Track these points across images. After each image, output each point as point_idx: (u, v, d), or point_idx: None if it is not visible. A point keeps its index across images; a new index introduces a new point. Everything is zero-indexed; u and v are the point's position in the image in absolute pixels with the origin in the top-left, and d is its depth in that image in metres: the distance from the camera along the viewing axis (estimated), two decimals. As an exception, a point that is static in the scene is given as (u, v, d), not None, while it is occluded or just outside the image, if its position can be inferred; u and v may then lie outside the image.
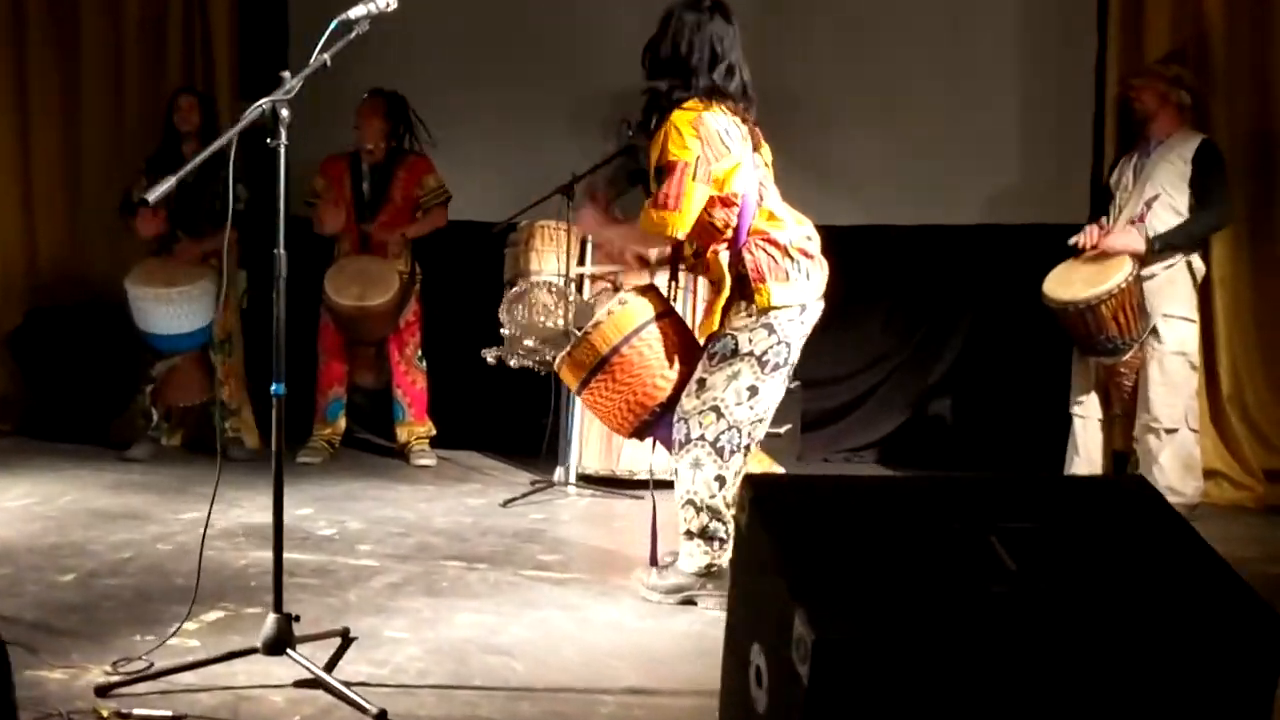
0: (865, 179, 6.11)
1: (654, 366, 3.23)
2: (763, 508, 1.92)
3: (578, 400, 5.13)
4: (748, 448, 3.21)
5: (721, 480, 3.17)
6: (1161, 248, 4.67)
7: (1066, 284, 4.75)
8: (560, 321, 3.33)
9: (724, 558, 3.20)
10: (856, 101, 6.02)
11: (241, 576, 3.44)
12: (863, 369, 6.21)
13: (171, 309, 5.24)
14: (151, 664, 2.59)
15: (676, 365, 3.24)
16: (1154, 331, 4.73)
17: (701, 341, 3.27)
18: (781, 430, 5.82)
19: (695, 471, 3.17)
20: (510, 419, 6.34)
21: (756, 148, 3.25)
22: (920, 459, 5.84)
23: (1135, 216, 4.80)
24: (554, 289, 3.51)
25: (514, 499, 4.69)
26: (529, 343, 4.22)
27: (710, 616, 3.13)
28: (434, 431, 5.77)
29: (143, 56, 6.18)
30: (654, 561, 3.47)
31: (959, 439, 5.94)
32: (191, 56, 6.12)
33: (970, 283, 6.09)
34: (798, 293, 3.13)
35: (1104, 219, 4.92)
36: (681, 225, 3.10)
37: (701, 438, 3.16)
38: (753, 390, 3.15)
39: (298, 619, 2.56)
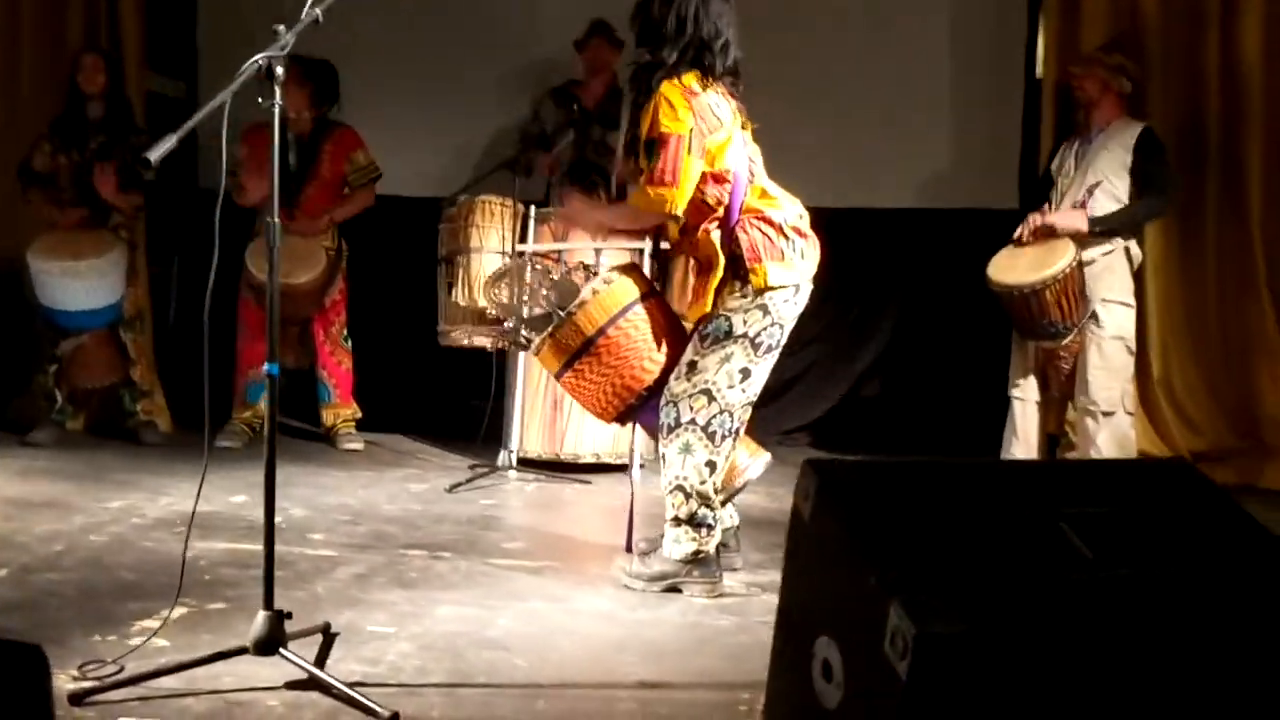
0: (794, 162, 6.02)
1: (641, 348, 3.12)
2: (830, 495, 1.83)
3: (519, 383, 5.01)
4: (737, 432, 3.13)
5: (712, 465, 3.08)
6: (1102, 230, 4.74)
7: (1010, 268, 4.79)
8: (544, 302, 3.18)
9: (711, 544, 3.12)
10: (786, 84, 5.96)
11: (193, 569, 3.20)
12: (794, 351, 6.18)
13: (80, 283, 4.91)
14: (122, 667, 2.38)
15: (664, 347, 3.14)
16: (1093, 316, 4.81)
17: (689, 323, 3.17)
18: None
19: (685, 456, 3.07)
20: (437, 401, 6.16)
21: (744, 126, 3.16)
22: (854, 442, 5.85)
23: (1077, 203, 4.86)
24: (539, 267, 3.35)
25: (459, 484, 4.52)
26: (508, 323, 4.03)
27: (699, 605, 3.04)
28: (360, 414, 5.56)
29: (39, 14, 5.77)
30: (629, 548, 3.36)
31: (891, 421, 5.97)
32: (95, 16, 5.72)
33: (900, 266, 6.12)
34: (793, 273, 3.05)
35: (1046, 206, 4.97)
36: (680, 200, 2.99)
37: (692, 422, 3.06)
38: (745, 373, 3.07)
39: (289, 616, 2.38)
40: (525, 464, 4.88)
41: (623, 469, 5.00)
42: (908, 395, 6.06)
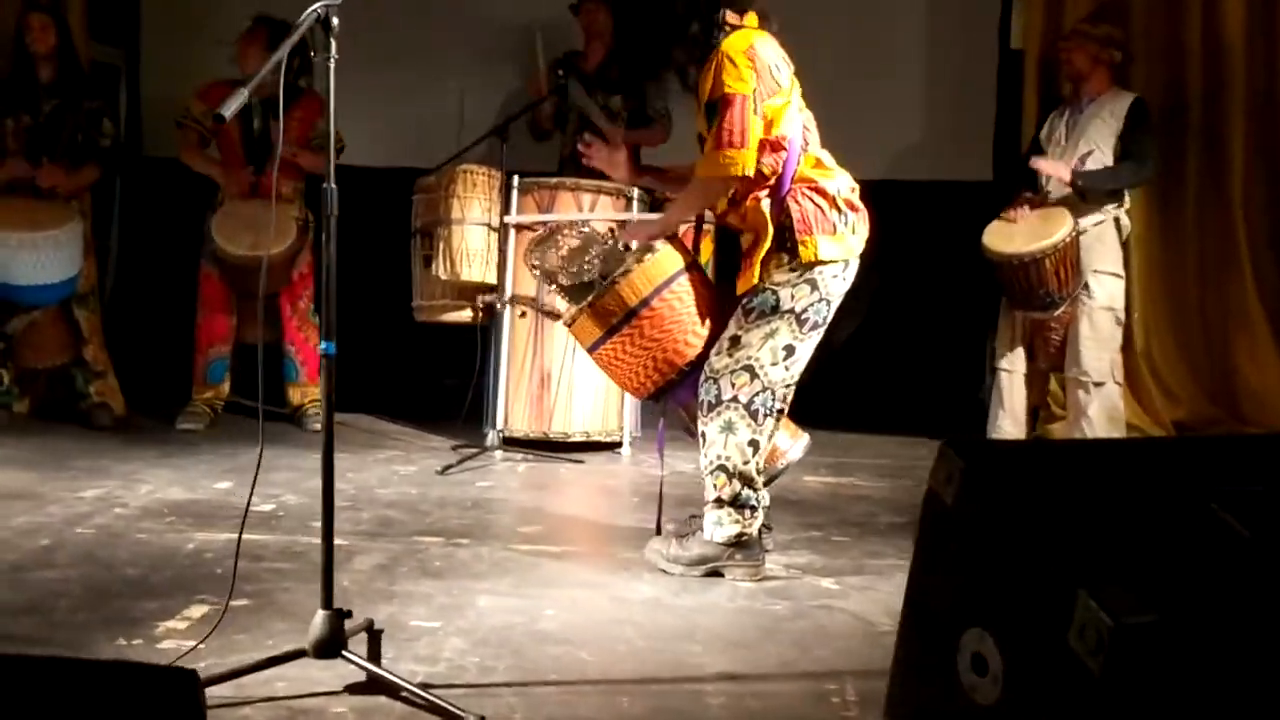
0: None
1: (685, 321, 2.98)
2: (980, 480, 1.72)
3: (504, 359, 4.82)
4: (781, 411, 3.01)
5: (755, 445, 2.96)
6: (1084, 184, 4.72)
7: (1008, 238, 4.76)
8: (588, 269, 3.01)
9: (754, 526, 3.00)
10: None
11: (201, 563, 3.00)
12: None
13: (37, 256, 4.59)
14: (163, 675, 2.18)
15: (708, 321, 3.00)
16: (1084, 286, 4.80)
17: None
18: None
19: (727, 435, 2.95)
20: (405, 379, 5.95)
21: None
22: (830, 417, 5.77)
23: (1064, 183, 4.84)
24: (586, 230, 3.19)
25: (450, 466, 4.34)
26: (549, 290, 3.81)
27: (745, 589, 2.93)
28: (328, 393, 5.31)
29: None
30: (659, 531, 3.23)
31: (868, 396, 5.92)
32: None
33: (875, 239, 6.05)
34: (844, 247, 2.94)
35: (1042, 183, 4.93)
36: (749, 162, 2.84)
37: (734, 399, 2.94)
38: (789, 350, 2.95)
39: (349, 615, 2.20)
40: (511, 443, 4.72)
41: (613, 447, 4.87)
42: (885, 369, 6.02)
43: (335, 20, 2.07)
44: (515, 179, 4.71)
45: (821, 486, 4.26)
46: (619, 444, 4.87)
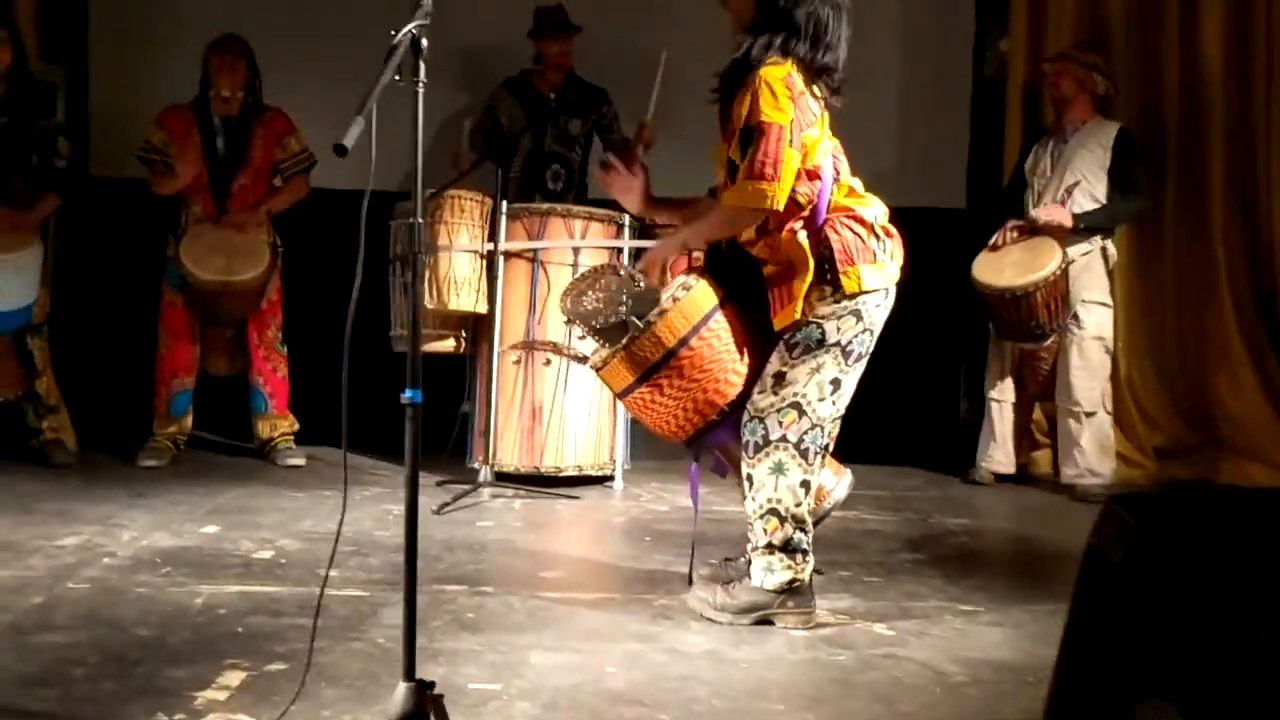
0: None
1: (725, 360, 2.85)
2: (1156, 537, 1.63)
3: (494, 391, 4.64)
4: (827, 448, 2.91)
5: (807, 485, 2.85)
6: (1085, 226, 4.74)
7: (997, 270, 4.74)
8: (620, 311, 2.86)
9: (806, 571, 2.89)
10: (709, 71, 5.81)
11: (217, 620, 2.78)
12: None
13: (-8, 282, 4.29)
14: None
15: (746, 358, 2.88)
16: (1074, 317, 4.81)
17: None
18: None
19: (778, 477, 2.83)
20: (374, 411, 5.70)
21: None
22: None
23: (1056, 202, 4.84)
24: (622, 273, 3.03)
25: (446, 505, 4.15)
26: (581, 335, 3.62)
27: (801, 638, 2.81)
28: (297, 426, 5.08)
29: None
30: (691, 581, 3.10)
31: (845, 424, 5.85)
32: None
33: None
34: (885, 274, 2.86)
35: (1030, 205, 4.93)
36: (781, 195, 2.74)
37: (783, 439, 2.83)
38: (835, 384, 2.85)
39: (432, 686, 2.03)
40: (502, 478, 4.54)
41: (604, 480, 4.72)
42: (860, 396, 5.95)
43: (425, 42, 1.90)
44: (504, 204, 4.56)
45: (830, 521, 4.13)
46: (610, 477, 4.73)
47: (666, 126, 5.00)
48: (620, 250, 4.72)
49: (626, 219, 4.73)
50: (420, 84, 1.94)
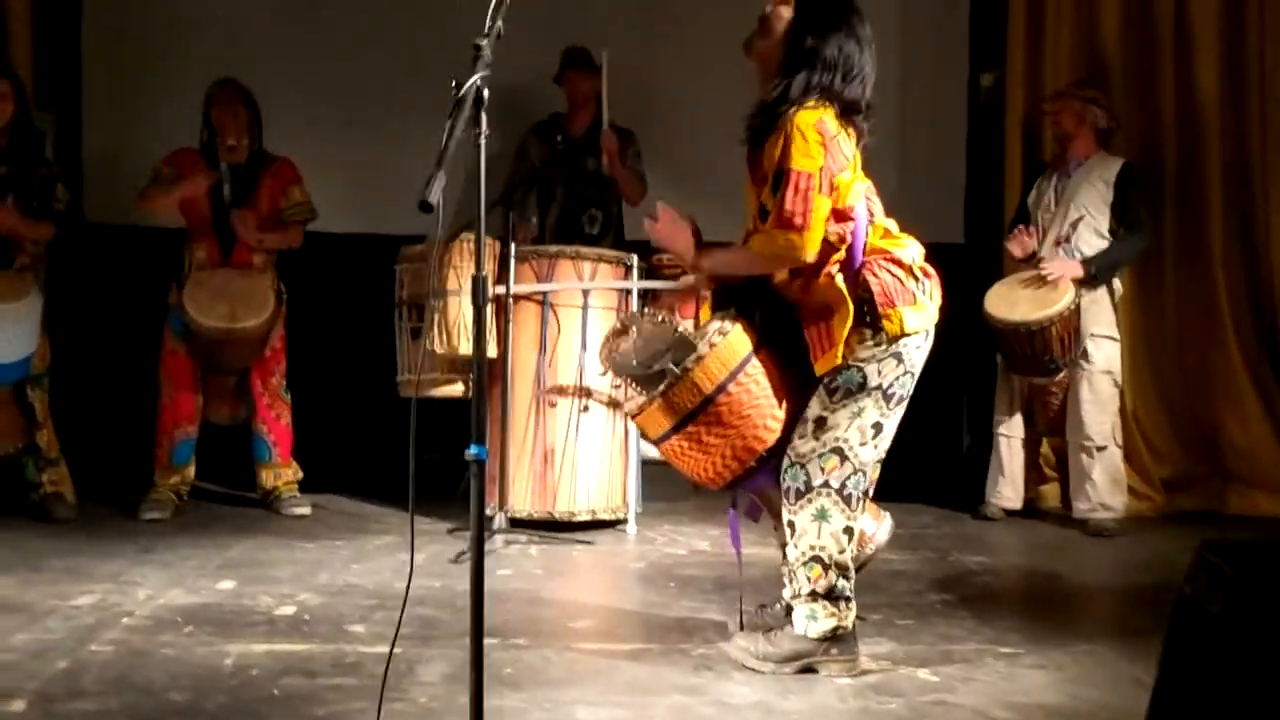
0: (739, 194, 5.93)
1: (763, 405, 2.82)
2: (1254, 586, 1.61)
3: (508, 436, 4.58)
4: (868, 493, 2.89)
5: (850, 532, 2.82)
6: (1097, 272, 4.76)
7: (1011, 305, 4.75)
8: (661, 359, 2.82)
9: (850, 618, 2.85)
10: (732, 115, 5.82)
11: (250, 683, 2.70)
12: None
13: (-8, 332, 4.20)
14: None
15: (784, 402, 2.85)
16: (1083, 351, 4.82)
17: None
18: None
19: (820, 524, 2.80)
20: (374, 457, 5.63)
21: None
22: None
23: (1061, 237, 4.87)
24: (662, 320, 2.99)
25: (463, 554, 4.08)
26: (619, 384, 3.56)
27: (847, 686, 2.76)
28: (301, 475, 5.00)
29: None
30: (742, 627, 3.05)
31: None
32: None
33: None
34: (926, 316, 2.84)
35: (1033, 228, 4.95)
36: (811, 246, 2.73)
37: (825, 484, 2.80)
38: (877, 428, 2.83)
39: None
40: (516, 524, 4.48)
41: (617, 524, 4.68)
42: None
43: (486, 91, 1.88)
44: (513, 247, 4.52)
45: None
46: (623, 520, 4.69)
47: (698, 173, 5.03)
48: (629, 292, 4.70)
49: (635, 260, 4.72)
50: (483, 135, 1.90)
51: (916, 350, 2.85)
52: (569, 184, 5.18)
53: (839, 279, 2.81)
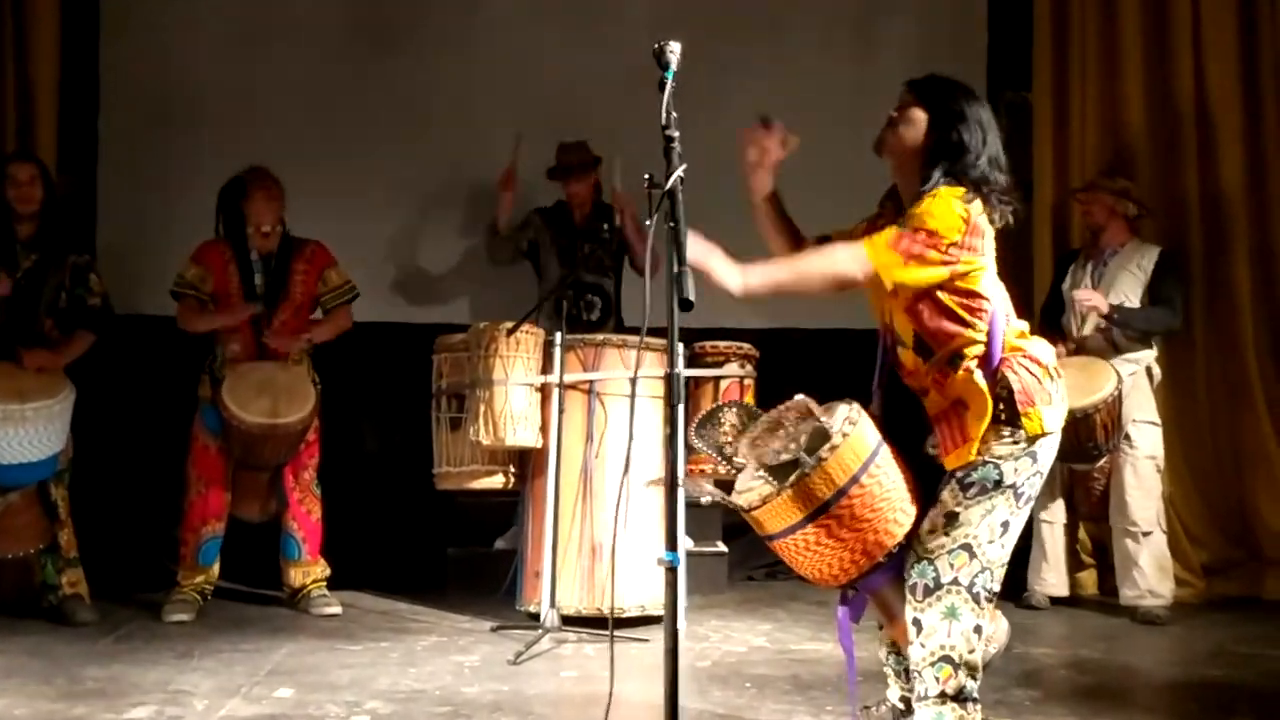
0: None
1: (894, 499, 2.72)
2: None
3: (547, 528, 4.43)
4: (995, 593, 2.79)
5: (979, 630, 2.71)
6: (1120, 320, 4.79)
7: (1054, 391, 4.72)
8: (791, 446, 2.72)
9: (978, 720, 2.74)
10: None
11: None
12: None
13: (23, 431, 4.02)
14: None
15: (912, 496, 2.77)
16: (1125, 437, 4.81)
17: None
18: (719, 547, 5.39)
19: (951, 622, 2.70)
20: (397, 551, 5.45)
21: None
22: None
23: (1099, 326, 4.88)
24: (740, 410, 2.90)
25: (521, 655, 3.91)
26: (746, 475, 3.39)
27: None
28: (329, 572, 4.81)
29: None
30: (856, 722, 2.93)
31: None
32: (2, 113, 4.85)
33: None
34: (1060, 416, 2.79)
35: (1075, 328, 4.96)
36: (891, 278, 2.64)
37: (954, 582, 2.70)
38: (1005, 526, 2.75)
39: None
40: (566, 622, 4.31)
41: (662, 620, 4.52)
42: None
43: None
44: (558, 335, 4.44)
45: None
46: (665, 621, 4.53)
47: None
48: (678, 375, 4.61)
49: (681, 348, 4.62)
50: (671, 226, 1.82)
51: (1050, 450, 2.80)
52: (568, 271, 5.09)
53: (978, 375, 2.74)
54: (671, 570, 1.93)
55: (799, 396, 2.76)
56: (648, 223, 1.82)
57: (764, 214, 2.91)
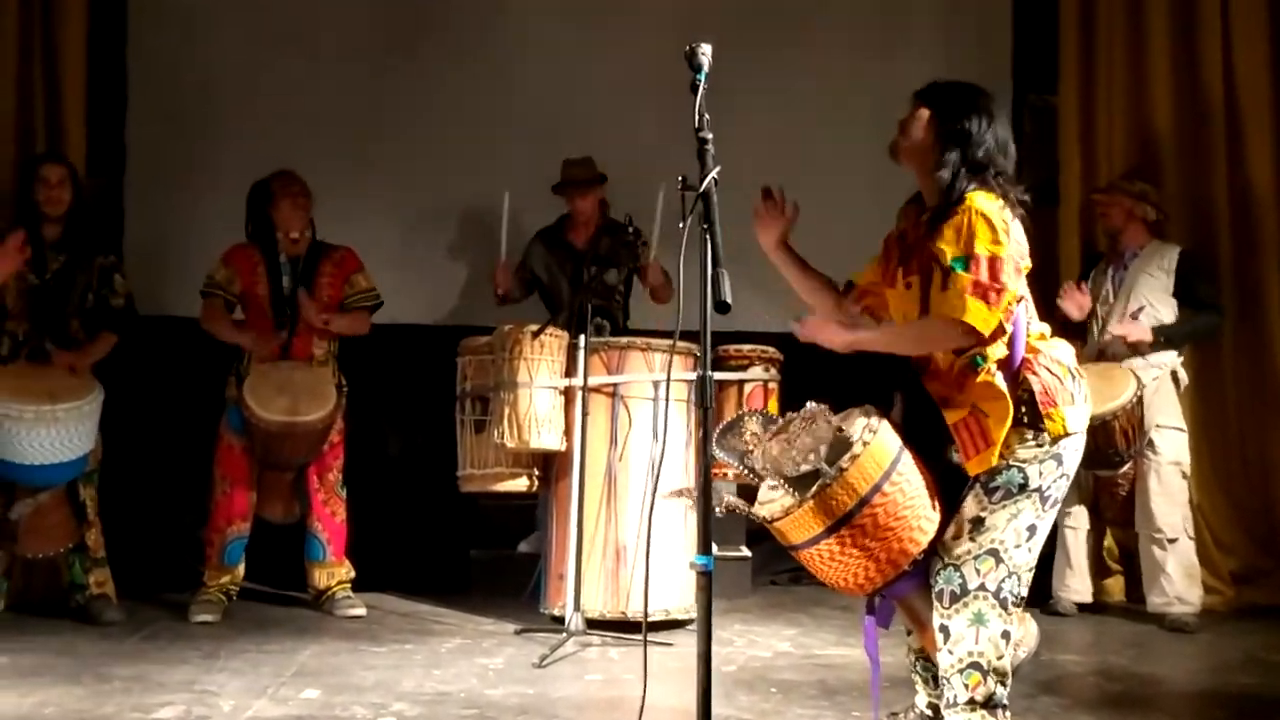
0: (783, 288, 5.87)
1: (917, 507, 2.71)
2: None
3: (571, 531, 4.43)
4: (1023, 598, 2.78)
5: (1007, 636, 2.70)
6: (1167, 339, 4.76)
7: (1075, 397, 4.69)
8: (811, 456, 2.71)
9: (1007, 728, 2.73)
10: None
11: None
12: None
13: (54, 431, 4.04)
14: None
15: (936, 503, 2.75)
16: (1149, 443, 4.77)
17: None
18: (743, 552, 5.38)
19: (978, 629, 2.68)
20: (419, 553, 5.46)
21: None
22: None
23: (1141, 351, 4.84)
24: (762, 418, 2.88)
25: (547, 657, 3.91)
26: (769, 484, 3.37)
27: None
28: (354, 573, 4.82)
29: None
30: (883, 735, 2.92)
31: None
32: (29, 115, 4.88)
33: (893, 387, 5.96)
34: (1083, 417, 2.77)
35: (1097, 331, 4.94)
36: (993, 325, 2.65)
37: (981, 587, 2.69)
38: (1031, 530, 2.73)
39: None
40: (590, 625, 4.30)
41: (688, 624, 4.51)
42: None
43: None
44: (582, 339, 4.43)
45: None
46: (694, 620, 4.52)
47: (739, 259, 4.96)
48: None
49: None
50: (704, 228, 1.82)
51: (1075, 452, 2.79)
52: (573, 295, 5.02)
53: (998, 378, 2.73)
54: (705, 574, 1.90)
55: (811, 405, 2.76)
56: (681, 225, 1.81)
57: (781, 264, 3.06)
